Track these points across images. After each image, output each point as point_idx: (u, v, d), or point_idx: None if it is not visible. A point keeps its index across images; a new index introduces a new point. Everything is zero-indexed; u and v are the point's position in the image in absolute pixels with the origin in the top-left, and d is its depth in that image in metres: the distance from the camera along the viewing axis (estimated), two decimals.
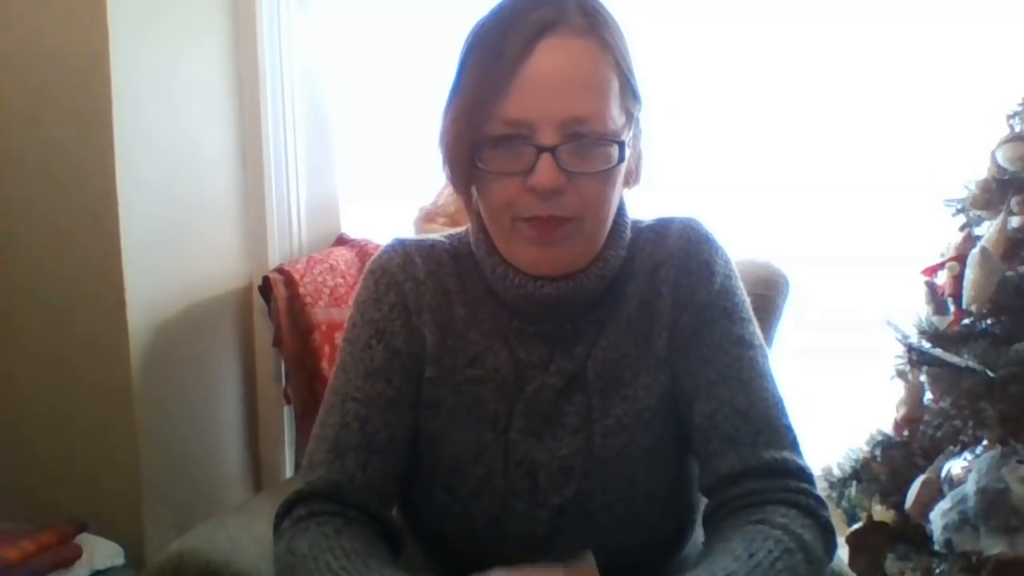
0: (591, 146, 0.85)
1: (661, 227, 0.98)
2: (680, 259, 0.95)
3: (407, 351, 0.95)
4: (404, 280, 0.97)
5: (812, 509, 0.86)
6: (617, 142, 0.86)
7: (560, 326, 0.95)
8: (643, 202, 1.02)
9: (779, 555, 0.80)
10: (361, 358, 0.95)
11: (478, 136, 0.86)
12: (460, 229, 1.03)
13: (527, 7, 0.86)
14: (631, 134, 0.91)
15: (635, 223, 0.99)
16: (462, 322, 0.96)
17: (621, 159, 0.87)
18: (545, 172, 0.83)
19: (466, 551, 0.97)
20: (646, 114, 0.93)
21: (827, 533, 0.86)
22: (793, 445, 0.90)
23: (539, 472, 0.93)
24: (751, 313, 0.97)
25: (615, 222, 0.94)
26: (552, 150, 0.83)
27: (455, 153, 0.89)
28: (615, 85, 0.87)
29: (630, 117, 0.90)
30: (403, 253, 0.98)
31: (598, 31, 0.87)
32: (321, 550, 0.84)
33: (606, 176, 0.87)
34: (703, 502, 0.95)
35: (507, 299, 0.95)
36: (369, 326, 0.96)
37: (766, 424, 0.90)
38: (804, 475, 0.88)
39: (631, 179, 0.94)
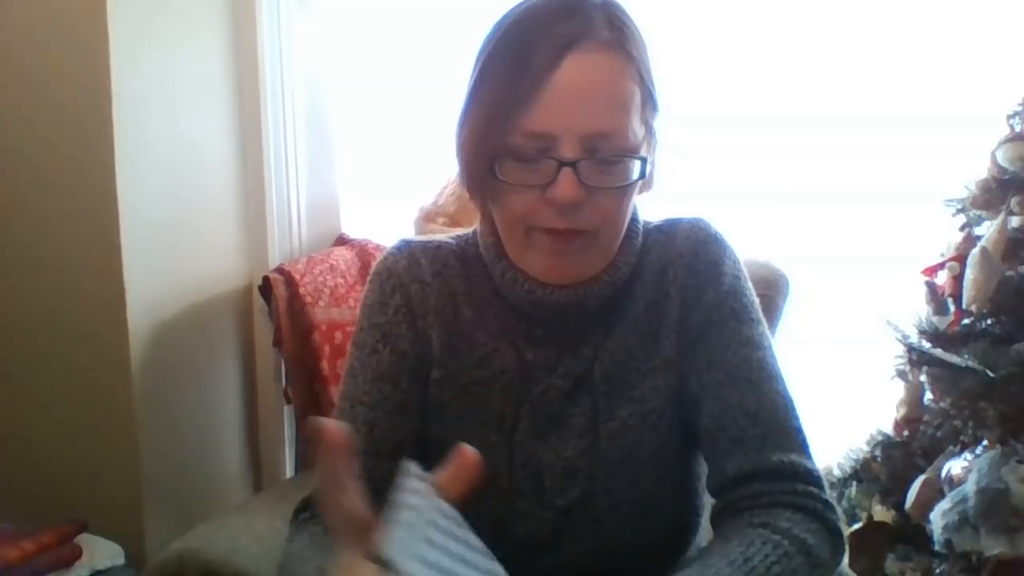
0: (612, 161, 0.85)
1: (669, 227, 0.98)
2: (688, 259, 0.95)
3: (414, 354, 0.95)
4: (409, 282, 0.96)
5: (819, 513, 0.85)
6: (638, 158, 0.86)
7: (568, 328, 0.94)
8: (647, 201, 1.01)
9: (776, 560, 0.79)
10: (368, 362, 0.95)
11: (498, 146, 0.85)
12: (467, 230, 1.02)
13: (553, 18, 0.84)
14: (650, 146, 0.90)
15: (643, 224, 0.99)
16: (469, 323, 0.96)
17: (642, 175, 0.87)
18: (566, 186, 0.83)
19: None
20: (660, 122, 0.92)
21: (835, 537, 0.85)
22: (802, 447, 0.89)
23: (544, 474, 0.93)
24: (760, 314, 0.96)
25: (627, 229, 0.93)
26: (573, 164, 0.83)
27: (473, 163, 0.88)
28: (637, 99, 0.86)
29: (649, 128, 0.89)
30: (408, 255, 0.98)
31: (624, 45, 0.86)
32: (304, 546, 0.84)
33: (625, 190, 0.87)
34: (709, 504, 0.95)
35: (515, 303, 0.94)
36: (375, 330, 0.95)
37: (775, 426, 0.89)
38: (812, 478, 0.88)
39: (644, 186, 0.93)
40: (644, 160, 0.86)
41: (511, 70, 0.84)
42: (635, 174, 0.86)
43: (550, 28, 0.84)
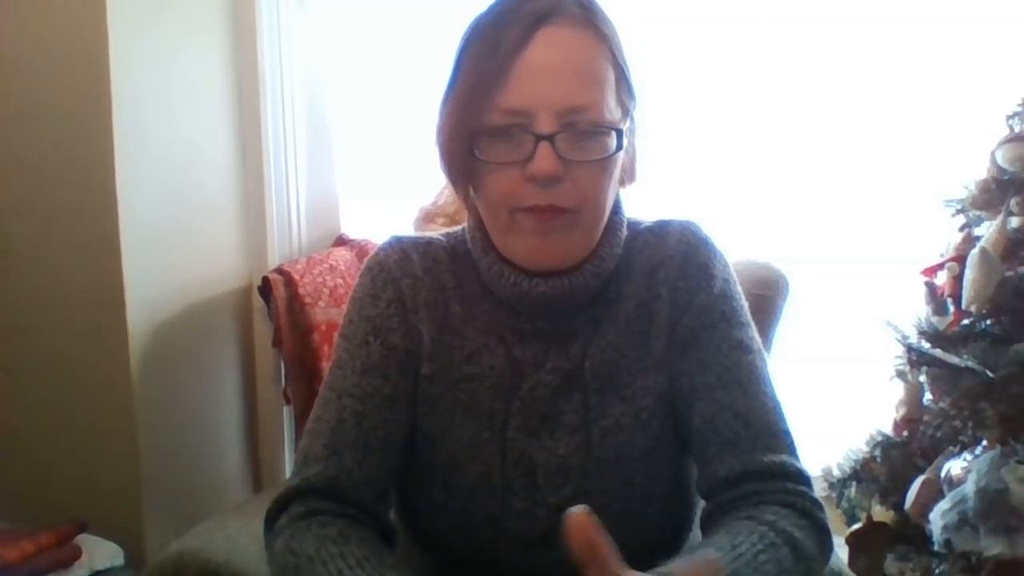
0: (588, 135, 0.86)
1: (660, 229, 0.99)
2: (679, 261, 0.96)
3: (404, 348, 0.95)
4: (401, 277, 0.97)
5: (807, 510, 0.86)
6: (615, 130, 0.87)
7: (555, 324, 0.95)
8: (646, 201, 1.02)
9: (763, 548, 0.80)
10: (358, 354, 0.95)
11: (476, 126, 0.86)
12: (458, 227, 1.03)
13: (524, 0, 0.87)
14: (627, 128, 0.91)
15: (634, 224, 1.00)
16: (458, 319, 0.96)
17: (619, 147, 0.88)
18: (544, 159, 0.84)
19: (464, 550, 0.96)
20: (643, 112, 0.94)
21: (822, 534, 0.87)
22: (791, 449, 0.91)
23: (537, 471, 0.93)
24: (749, 317, 0.97)
25: (611, 220, 0.94)
26: (550, 138, 0.84)
27: (452, 144, 0.89)
28: (611, 77, 0.88)
29: (626, 112, 0.91)
30: (400, 250, 0.99)
31: (594, 22, 0.88)
32: (331, 555, 0.82)
33: (603, 166, 0.88)
34: (701, 503, 0.95)
35: (502, 297, 0.95)
36: (366, 322, 0.96)
37: (765, 428, 0.90)
38: (802, 478, 0.89)
39: (626, 176, 0.95)
40: (620, 133, 0.87)
41: (485, 51, 0.86)
42: (612, 148, 0.87)
43: (520, 8, 0.86)
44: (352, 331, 0.96)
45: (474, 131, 0.86)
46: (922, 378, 1.68)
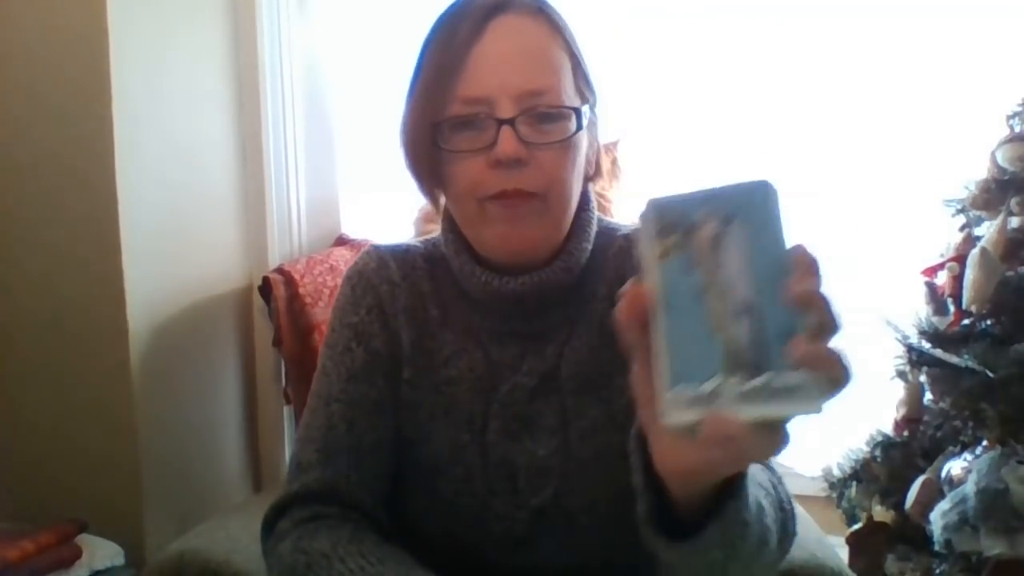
0: (548, 118, 0.87)
1: (636, 234, 0.99)
2: None
3: (387, 353, 0.96)
4: (379, 284, 0.98)
5: (779, 496, 0.86)
6: (574, 110, 0.88)
7: (530, 324, 0.95)
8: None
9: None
10: (342, 361, 0.96)
11: (438, 118, 0.88)
12: (435, 234, 1.03)
13: None
14: (588, 119, 0.92)
15: (613, 228, 1.01)
16: (436, 323, 0.97)
17: (579, 127, 0.89)
18: (506, 142, 0.85)
19: (448, 551, 0.97)
20: (603, 108, 0.95)
21: (785, 515, 0.86)
22: None
23: (518, 473, 0.93)
24: None
25: (580, 215, 0.95)
26: (511, 122, 0.86)
27: (416, 138, 0.90)
28: (567, 65, 0.90)
29: (585, 101, 0.92)
30: (378, 258, 1.00)
31: (546, 12, 0.90)
32: (349, 553, 0.83)
33: (565, 147, 0.89)
34: None
35: (476, 297, 0.96)
36: (348, 329, 0.97)
37: None
38: (773, 472, 0.89)
39: (590, 169, 0.96)
40: (579, 113, 0.89)
41: (442, 45, 0.88)
42: (572, 129, 0.88)
43: (473, 2, 0.89)
44: (335, 339, 0.97)
45: (436, 123, 0.88)
46: (922, 378, 1.68)
